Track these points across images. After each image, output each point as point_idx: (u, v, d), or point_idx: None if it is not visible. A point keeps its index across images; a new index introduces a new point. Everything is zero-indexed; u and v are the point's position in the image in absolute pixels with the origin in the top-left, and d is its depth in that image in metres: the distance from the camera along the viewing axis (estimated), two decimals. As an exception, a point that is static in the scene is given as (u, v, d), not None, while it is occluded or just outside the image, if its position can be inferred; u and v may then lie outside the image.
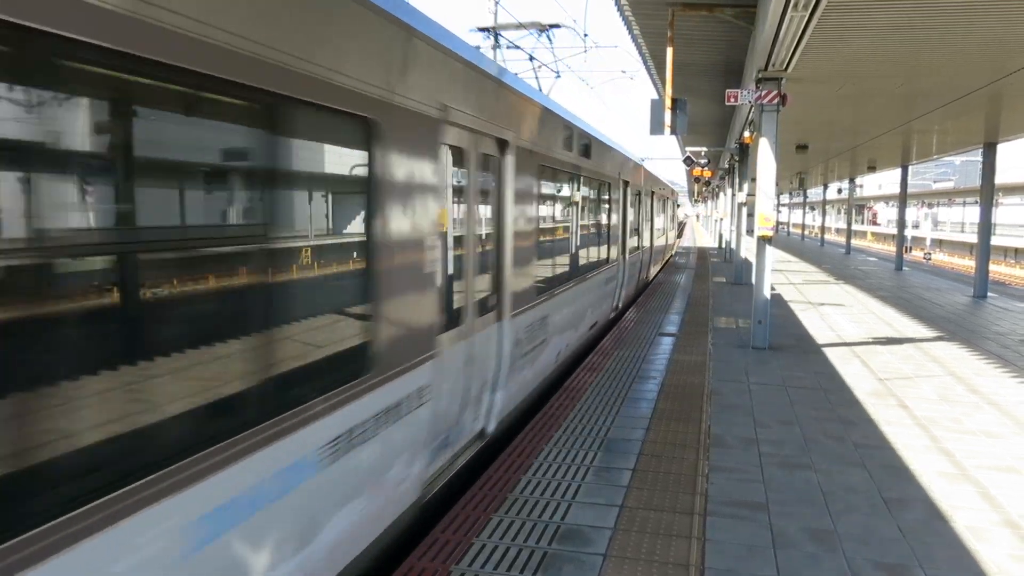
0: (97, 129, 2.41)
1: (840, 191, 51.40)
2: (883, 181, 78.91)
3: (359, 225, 3.99)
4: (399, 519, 4.54)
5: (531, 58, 15.99)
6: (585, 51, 18.35)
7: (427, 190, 4.64)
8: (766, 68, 10.42)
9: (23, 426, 2.12)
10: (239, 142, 3.06)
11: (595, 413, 7.33)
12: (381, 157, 4.02)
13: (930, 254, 52.92)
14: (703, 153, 27.87)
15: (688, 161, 24.82)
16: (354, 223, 4.05)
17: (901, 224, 27.56)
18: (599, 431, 6.75)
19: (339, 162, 3.92)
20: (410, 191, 4.39)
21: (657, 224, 22.14)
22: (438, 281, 4.86)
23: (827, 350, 11.10)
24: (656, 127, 12.31)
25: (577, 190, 9.89)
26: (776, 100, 10.60)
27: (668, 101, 12.16)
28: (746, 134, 16.99)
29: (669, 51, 11.68)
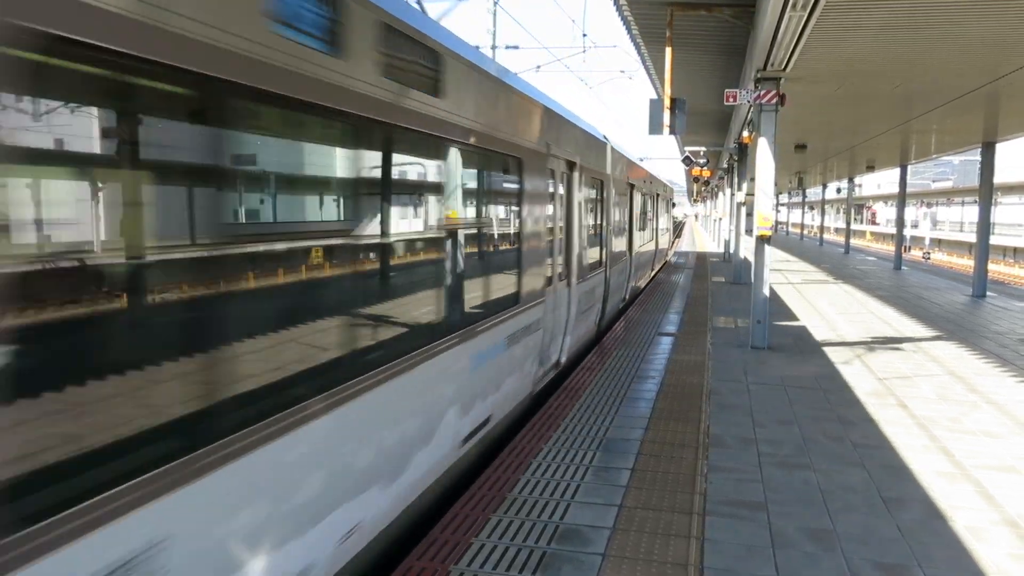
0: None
1: (839, 191, 51.46)
2: (882, 180, 78.95)
3: (516, 219, 6.91)
4: (524, 400, 7.49)
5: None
6: (584, 51, 18.32)
7: (544, 197, 7.78)
8: (765, 68, 10.43)
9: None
10: (490, 179, 6.42)
11: (594, 413, 7.34)
12: (526, 178, 7.06)
13: (929, 253, 52.82)
14: (702, 153, 27.83)
15: (687, 161, 24.83)
16: (514, 219, 6.90)
17: (900, 223, 27.54)
18: (598, 431, 6.75)
19: (506, 181, 6.76)
20: (536, 198, 7.44)
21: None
22: (546, 254, 7.89)
23: (826, 350, 11.10)
24: (655, 127, 12.30)
25: (609, 196, 12.35)
26: (775, 100, 10.61)
27: (667, 101, 12.16)
28: (745, 134, 17.01)
29: (668, 51, 11.68)
